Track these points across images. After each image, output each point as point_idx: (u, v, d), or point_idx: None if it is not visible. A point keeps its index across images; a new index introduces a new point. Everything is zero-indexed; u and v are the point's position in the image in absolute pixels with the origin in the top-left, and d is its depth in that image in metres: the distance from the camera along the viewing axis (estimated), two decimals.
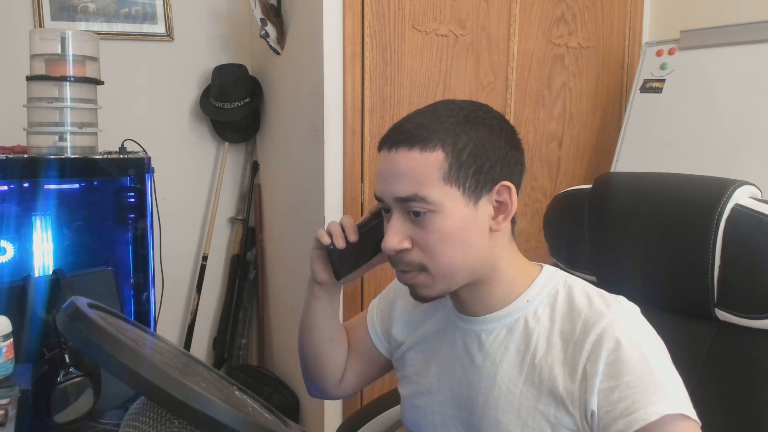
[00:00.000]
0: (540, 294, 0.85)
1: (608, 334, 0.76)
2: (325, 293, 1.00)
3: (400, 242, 0.81)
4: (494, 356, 0.85)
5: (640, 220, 1.04)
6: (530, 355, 0.82)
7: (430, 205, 0.79)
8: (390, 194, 0.81)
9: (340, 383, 1.07)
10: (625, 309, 0.80)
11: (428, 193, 0.78)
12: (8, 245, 1.42)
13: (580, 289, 0.84)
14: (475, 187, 0.80)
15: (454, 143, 0.79)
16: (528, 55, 2.06)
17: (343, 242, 0.91)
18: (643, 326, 0.80)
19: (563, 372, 0.79)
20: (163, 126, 2.37)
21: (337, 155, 1.86)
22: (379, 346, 1.05)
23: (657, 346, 0.78)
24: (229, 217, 2.54)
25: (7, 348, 1.12)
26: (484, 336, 0.87)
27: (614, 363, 0.75)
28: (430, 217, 0.79)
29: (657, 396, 0.72)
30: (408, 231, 0.81)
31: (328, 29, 1.81)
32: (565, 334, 0.80)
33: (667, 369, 0.76)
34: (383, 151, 0.83)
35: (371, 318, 1.06)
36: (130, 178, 1.52)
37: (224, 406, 0.61)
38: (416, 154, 0.79)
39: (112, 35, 2.24)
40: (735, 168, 1.75)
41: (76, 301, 0.68)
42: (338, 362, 1.06)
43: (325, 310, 1.01)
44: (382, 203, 0.84)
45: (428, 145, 0.79)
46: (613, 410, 0.73)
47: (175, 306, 2.46)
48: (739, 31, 1.83)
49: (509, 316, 0.85)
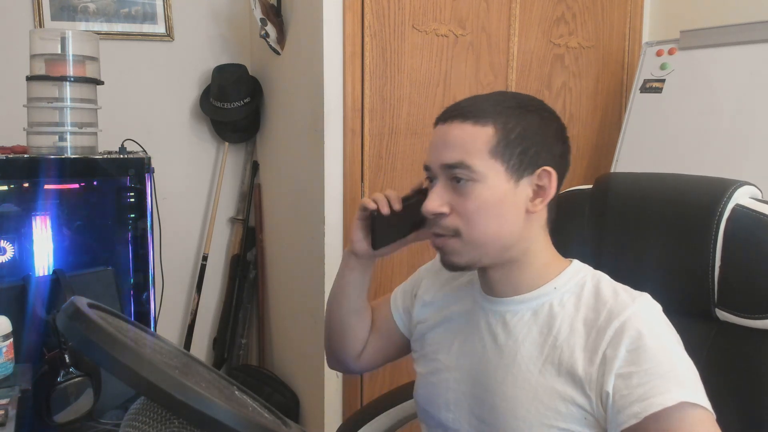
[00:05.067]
0: (568, 283, 0.87)
1: (631, 323, 0.79)
2: (360, 265, 1.04)
3: (440, 206, 0.86)
4: (517, 336, 0.87)
5: (640, 221, 1.04)
6: (552, 338, 0.84)
7: (473, 173, 0.83)
8: (438, 161, 0.86)
9: (360, 357, 1.11)
10: (649, 304, 0.83)
11: (474, 162, 0.83)
12: (8, 245, 1.42)
13: (608, 283, 0.87)
14: (519, 166, 0.84)
15: (505, 123, 0.84)
16: (528, 55, 2.06)
17: (388, 209, 0.96)
18: (664, 322, 0.82)
19: (583, 356, 0.81)
20: (163, 126, 2.37)
21: (337, 155, 1.87)
22: (400, 324, 1.09)
23: (676, 341, 0.80)
24: (229, 217, 2.54)
25: (7, 348, 1.12)
26: (509, 316, 0.89)
27: (635, 351, 0.77)
28: (472, 185, 0.84)
29: (674, 384, 0.75)
30: (449, 198, 0.86)
31: (328, 29, 1.81)
32: (589, 321, 0.83)
33: (686, 362, 0.79)
34: (438, 125, 0.89)
35: (395, 297, 1.11)
36: (130, 178, 1.52)
37: (224, 406, 0.61)
38: (469, 126, 0.84)
39: (112, 35, 2.24)
40: (735, 168, 1.75)
41: (76, 301, 0.68)
42: (361, 335, 1.10)
43: (357, 281, 1.06)
44: (429, 172, 0.89)
45: (480, 120, 0.84)
46: (630, 394, 0.75)
47: (175, 306, 2.46)
48: (739, 31, 1.83)
49: (536, 300, 0.88)
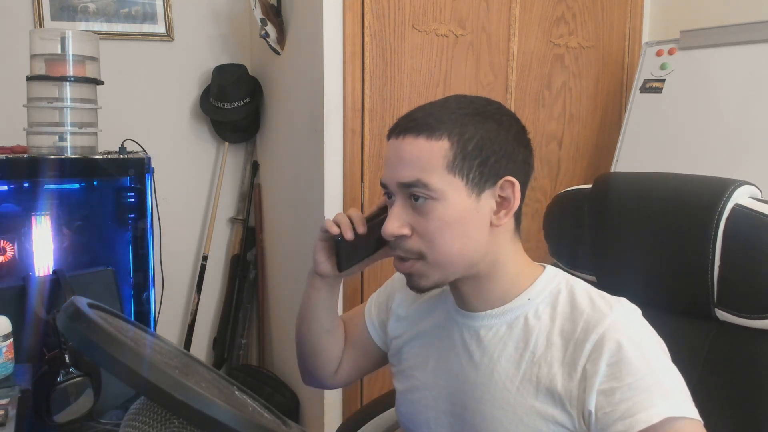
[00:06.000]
0: (542, 293, 0.85)
1: (610, 335, 0.76)
2: (326, 285, 1.00)
3: (400, 228, 0.82)
4: (492, 352, 0.85)
5: (640, 220, 1.04)
6: (529, 353, 0.82)
7: (431, 192, 0.79)
8: (394, 179, 0.82)
9: (336, 374, 1.07)
10: (627, 310, 0.80)
11: (431, 180, 0.79)
12: (8, 245, 1.42)
13: (582, 289, 0.84)
14: (479, 179, 0.80)
15: (460, 134, 0.80)
16: (528, 55, 2.06)
17: (351, 233, 0.91)
18: (645, 328, 0.79)
19: (562, 371, 0.78)
20: (163, 126, 2.37)
21: (337, 155, 1.86)
22: (375, 337, 1.05)
23: (658, 348, 0.78)
24: (229, 217, 2.54)
25: (7, 348, 1.12)
26: (483, 332, 0.87)
27: (616, 364, 0.74)
28: (431, 204, 0.80)
29: (659, 398, 0.72)
30: (409, 218, 0.82)
31: (328, 29, 1.81)
32: (566, 333, 0.80)
33: (669, 370, 0.76)
34: (392, 139, 0.84)
35: (369, 309, 1.07)
36: (130, 178, 1.53)
37: (224, 406, 0.61)
38: (422, 141, 0.80)
39: (112, 35, 2.24)
40: (735, 168, 1.75)
41: (76, 301, 0.68)
42: (334, 354, 1.06)
43: (324, 301, 1.01)
44: (386, 189, 0.85)
45: (435, 134, 0.80)
46: (613, 411, 0.73)
47: (175, 306, 2.46)
48: (739, 31, 1.82)
49: (510, 313, 0.85)
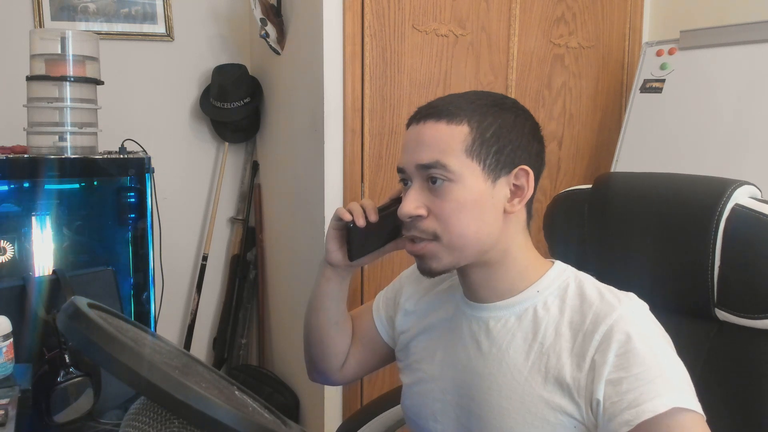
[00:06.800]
0: (551, 286, 0.86)
1: (619, 326, 0.77)
2: (336, 275, 1.01)
3: (417, 208, 0.83)
4: (501, 343, 0.86)
5: (640, 221, 1.04)
6: (538, 344, 0.83)
7: (449, 174, 0.81)
8: (412, 162, 0.84)
9: (342, 369, 1.08)
10: (635, 304, 0.81)
11: (449, 161, 0.81)
12: (8, 245, 1.42)
13: (591, 284, 0.85)
14: (495, 165, 0.83)
15: (480, 121, 0.83)
16: (528, 55, 2.06)
17: (363, 221, 0.92)
18: (653, 322, 0.81)
19: (570, 361, 0.79)
20: (163, 126, 2.37)
21: (337, 155, 1.86)
22: (383, 333, 1.06)
23: (665, 342, 0.79)
24: (229, 217, 2.54)
25: (7, 348, 1.12)
26: (492, 323, 0.87)
27: (624, 355, 0.76)
28: (448, 186, 0.82)
29: (665, 389, 0.73)
30: (425, 200, 0.84)
31: (328, 29, 1.81)
32: (575, 325, 0.81)
33: (676, 364, 0.77)
34: (411, 126, 0.86)
35: (377, 305, 1.08)
36: (130, 178, 1.53)
37: (224, 406, 0.61)
38: (443, 125, 0.83)
39: (112, 35, 2.24)
40: (735, 168, 1.75)
41: (76, 301, 0.68)
42: (341, 348, 1.07)
43: (334, 292, 1.02)
44: (403, 174, 0.87)
45: (455, 119, 0.83)
46: (620, 401, 0.74)
47: (175, 306, 2.46)
48: (739, 31, 1.82)
49: (519, 305, 0.86)
